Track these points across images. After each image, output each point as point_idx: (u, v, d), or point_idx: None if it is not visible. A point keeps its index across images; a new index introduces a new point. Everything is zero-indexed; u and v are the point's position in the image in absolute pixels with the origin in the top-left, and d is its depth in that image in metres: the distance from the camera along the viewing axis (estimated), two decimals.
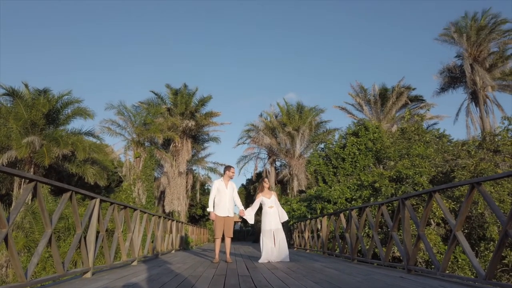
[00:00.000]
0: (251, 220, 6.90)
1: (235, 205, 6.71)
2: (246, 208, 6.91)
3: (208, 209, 6.46)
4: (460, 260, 8.94)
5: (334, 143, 17.76)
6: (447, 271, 4.84)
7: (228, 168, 6.74)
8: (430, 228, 9.71)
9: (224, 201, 6.44)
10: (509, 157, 10.95)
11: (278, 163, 28.67)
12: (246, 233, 38.41)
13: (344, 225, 7.95)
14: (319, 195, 13.84)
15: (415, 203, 9.99)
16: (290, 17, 76.91)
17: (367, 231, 10.17)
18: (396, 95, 24.45)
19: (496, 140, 12.12)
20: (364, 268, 5.53)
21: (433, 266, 5.77)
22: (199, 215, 31.33)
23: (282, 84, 75.77)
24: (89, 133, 20.16)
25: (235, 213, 8.35)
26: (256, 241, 21.48)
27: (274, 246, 6.60)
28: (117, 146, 25.18)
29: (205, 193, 30.06)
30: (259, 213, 7.21)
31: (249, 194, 31.81)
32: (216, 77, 76.01)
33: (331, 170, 16.25)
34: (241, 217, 6.84)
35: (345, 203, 12.59)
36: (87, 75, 75.82)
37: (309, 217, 12.81)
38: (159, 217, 9.29)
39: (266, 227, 6.73)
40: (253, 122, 27.97)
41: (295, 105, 26.90)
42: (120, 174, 23.50)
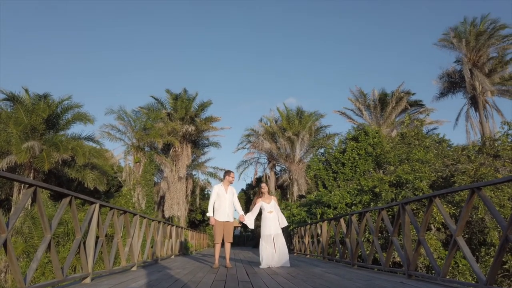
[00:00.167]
0: (251, 225, 6.90)
1: (235, 210, 6.70)
2: (245, 213, 6.90)
3: (208, 214, 6.44)
4: (460, 265, 8.92)
5: (334, 148, 17.74)
6: (447, 276, 4.82)
7: (228, 173, 6.73)
8: (430, 233, 9.70)
9: (224, 206, 6.43)
10: (509, 162, 10.95)
11: (278, 168, 28.70)
12: (246, 238, 38.25)
13: (344, 230, 7.94)
14: (319, 200, 13.83)
15: (415, 208, 9.97)
16: (290, 22, 77.37)
17: (367, 236, 10.15)
18: (396, 100, 24.48)
19: (496, 145, 12.13)
20: (364, 273, 5.51)
21: (433, 271, 5.75)
22: (199, 220, 31.20)
23: (282, 89, 75.99)
24: (89, 138, 20.17)
25: (235, 218, 8.32)
26: (256, 246, 21.37)
27: (274, 251, 6.58)
28: (117, 151, 25.27)
29: (205, 198, 30.00)
30: (259, 218, 7.19)
31: (249, 199, 31.75)
32: (216, 82, 76.28)
33: (331, 175, 16.24)
34: (241, 222, 6.83)
35: (345, 208, 12.57)
36: (88, 80, 76.07)
37: (309, 222, 12.78)
38: (159, 222, 9.28)
39: (265, 232, 6.72)
40: (253, 127, 28.03)
41: (295, 110, 27.02)
42: (120, 179, 23.48)
